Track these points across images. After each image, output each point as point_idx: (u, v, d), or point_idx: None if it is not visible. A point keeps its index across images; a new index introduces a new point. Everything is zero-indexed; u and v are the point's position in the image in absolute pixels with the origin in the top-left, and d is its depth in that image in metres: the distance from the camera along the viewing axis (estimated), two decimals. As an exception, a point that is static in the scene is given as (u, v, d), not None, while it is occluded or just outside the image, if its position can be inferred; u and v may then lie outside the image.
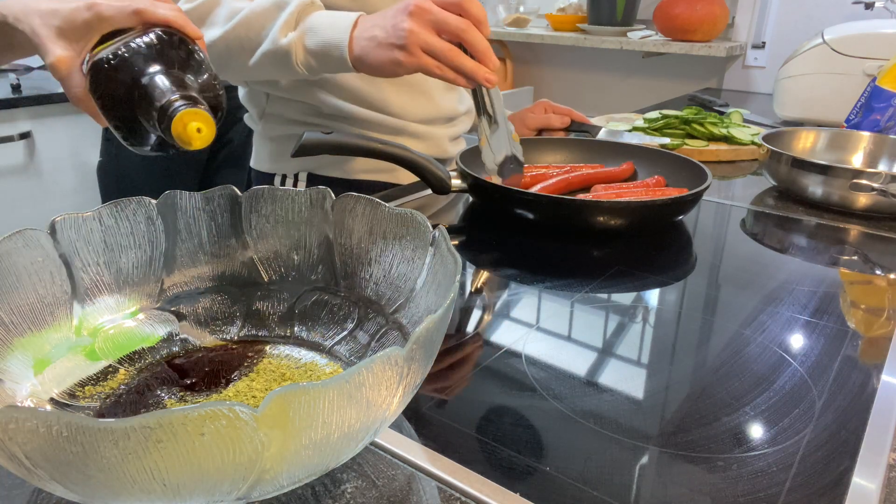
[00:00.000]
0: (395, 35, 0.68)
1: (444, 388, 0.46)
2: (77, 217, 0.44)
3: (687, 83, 2.15)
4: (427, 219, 0.45)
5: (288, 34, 0.74)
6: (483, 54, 0.69)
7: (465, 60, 0.69)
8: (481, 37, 0.69)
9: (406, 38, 0.68)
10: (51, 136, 1.80)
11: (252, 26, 0.74)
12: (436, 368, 0.48)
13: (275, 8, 0.75)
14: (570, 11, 2.27)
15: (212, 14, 0.75)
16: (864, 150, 1.00)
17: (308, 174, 0.94)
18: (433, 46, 0.68)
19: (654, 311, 0.59)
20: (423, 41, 0.68)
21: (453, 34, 0.69)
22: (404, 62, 0.69)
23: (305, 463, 0.30)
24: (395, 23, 0.69)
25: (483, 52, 0.69)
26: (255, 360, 0.46)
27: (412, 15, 0.68)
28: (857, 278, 0.67)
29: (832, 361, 0.50)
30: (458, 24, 0.68)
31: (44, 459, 0.26)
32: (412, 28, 0.68)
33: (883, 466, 0.39)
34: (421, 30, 0.68)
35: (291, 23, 0.74)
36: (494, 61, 0.70)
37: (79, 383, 0.42)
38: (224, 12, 0.75)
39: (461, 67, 0.69)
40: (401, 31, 0.68)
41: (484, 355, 0.50)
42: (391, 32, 0.69)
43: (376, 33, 0.70)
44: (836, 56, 1.36)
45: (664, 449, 0.40)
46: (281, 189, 0.49)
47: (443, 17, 0.68)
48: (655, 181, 0.85)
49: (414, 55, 0.68)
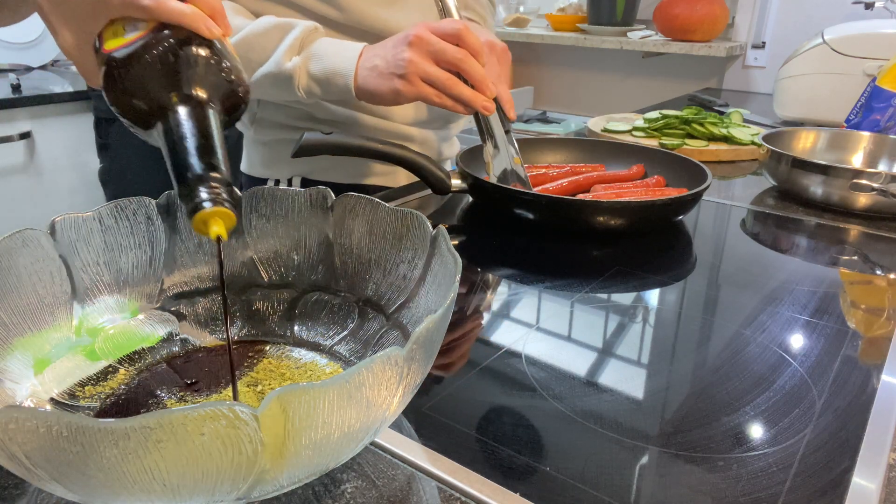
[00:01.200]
0: (395, 65, 0.71)
1: (444, 388, 0.46)
2: (77, 217, 0.44)
3: (687, 83, 2.15)
4: (427, 219, 0.45)
5: (292, 58, 0.74)
6: (480, 83, 0.72)
7: (463, 89, 0.71)
8: (478, 66, 0.71)
9: (406, 68, 0.70)
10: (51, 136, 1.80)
11: (253, 47, 0.75)
12: (436, 368, 0.48)
13: (277, 30, 0.75)
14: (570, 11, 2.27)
15: None
16: (864, 150, 1.00)
17: (302, 179, 0.94)
18: (432, 76, 0.70)
19: (654, 311, 0.59)
20: (422, 71, 0.70)
21: (451, 64, 0.71)
22: (404, 91, 0.71)
23: (305, 463, 0.30)
24: (396, 53, 0.71)
25: (480, 81, 0.71)
26: (255, 360, 0.46)
27: (412, 45, 0.70)
28: (857, 278, 0.67)
29: (832, 361, 0.50)
30: (456, 54, 0.70)
31: (44, 459, 0.26)
32: (412, 58, 0.70)
33: (883, 466, 0.39)
34: (420, 60, 0.70)
35: (296, 47, 0.75)
36: (491, 89, 0.73)
37: (79, 383, 0.42)
38: None
39: (459, 96, 0.71)
40: (401, 61, 0.70)
41: (484, 355, 0.50)
42: (391, 62, 0.71)
43: (377, 63, 0.72)
44: (836, 56, 1.36)
45: (664, 449, 0.40)
46: (281, 189, 0.49)
47: (441, 47, 0.70)
48: (655, 181, 0.85)
49: (413, 84, 0.71)
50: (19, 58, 2.12)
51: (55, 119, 1.78)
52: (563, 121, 2.20)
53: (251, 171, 0.99)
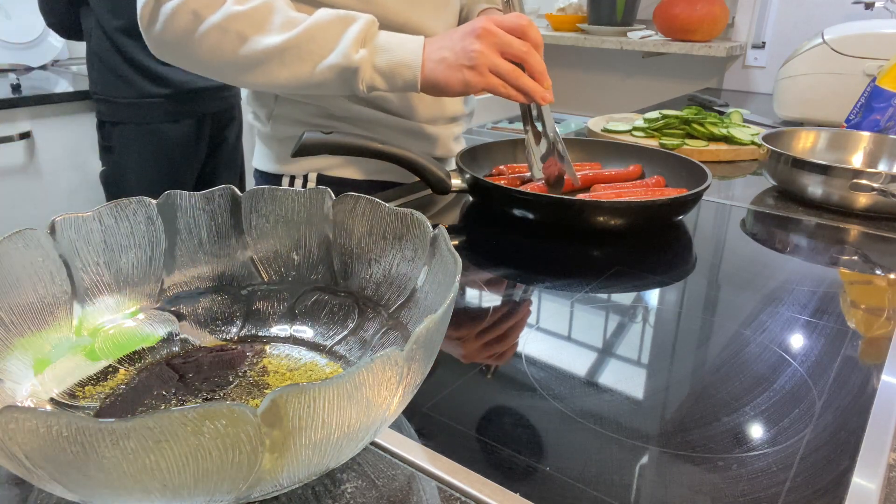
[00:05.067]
0: (465, 56, 0.73)
1: (443, 388, 0.46)
2: (77, 217, 0.44)
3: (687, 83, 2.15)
4: (427, 219, 0.45)
5: (359, 51, 0.75)
6: (542, 75, 0.75)
7: (527, 80, 0.75)
8: (540, 59, 0.75)
9: (476, 60, 0.73)
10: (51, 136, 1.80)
11: (316, 39, 0.74)
12: (436, 368, 0.48)
13: (340, 23, 0.75)
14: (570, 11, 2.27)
15: (267, 20, 0.74)
16: (864, 150, 1.00)
17: (318, 175, 0.94)
18: (499, 67, 0.74)
19: (654, 311, 0.59)
20: (490, 62, 0.73)
21: (516, 56, 0.74)
22: (473, 82, 0.74)
23: (305, 463, 0.30)
24: (465, 45, 0.74)
25: (541, 73, 0.75)
26: (255, 360, 0.46)
27: (480, 38, 0.73)
28: (857, 278, 0.67)
29: (832, 361, 0.50)
30: (521, 47, 0.74)
31: (44, 459, 0.26)
32: (482, 50, 0.73)
33: (883, 466, 0.39)
34: (489, 52, 0.73)
35: (360, 40, 0.75)
36: (548, 81, 0.77)
37: (79, 383, 0.42)
38: (280, 20, 0.75)
39: (524, 87, 0.75)
40: (471, 53, 0.73)
41: (484, 355, 0.50)
42: (461, 54, 0.74)
43: (446, 55, 0.75)
44: (836, 56, 1.36)
45: (664, 449, 0.40)
46: (281, 189, 0.49)
47: (508, 40, 0.74)
48: (655, 181, 0.85)
49: (483, 75, 0.74)
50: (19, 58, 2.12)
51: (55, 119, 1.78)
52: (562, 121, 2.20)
53: (264, 167, 0.98)
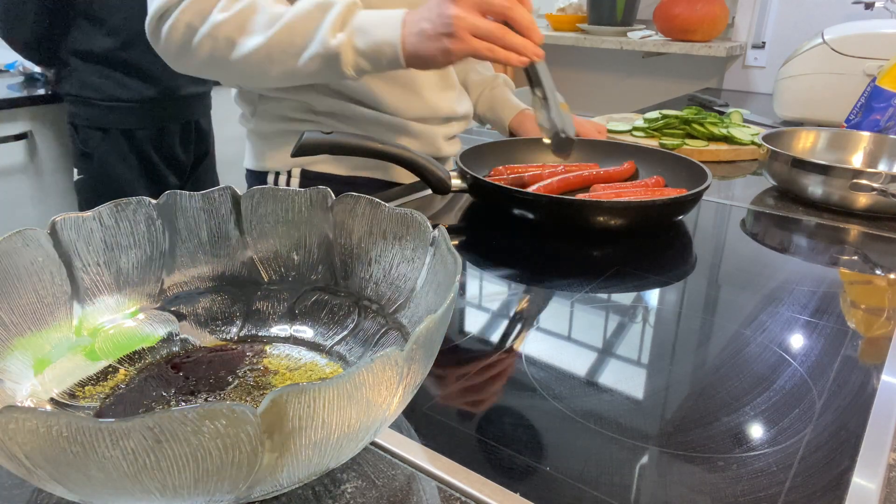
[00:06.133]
0: (441, 24, 0.69)
1: (444, 388, 0.46)
2: (77, 217, 0.44)
3: (687, 83, 2.15)
4: (427, 219, 0.45)
5: (336, 35, 0.73)
6: (529, 29, 0.70)
7: (514, 37, 0.70)
8: (526, 12, 0.70)
9: (454, 25, 0.68)
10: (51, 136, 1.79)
11: (296, 30, 0.74)
12: (436, 368, 0.48)
13: (318, 10, 0.74)
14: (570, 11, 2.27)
15: (250, 21, 0.75)
16: (864, 150, 1.00)
17: (301, 170, 0.94)
18: (481, 28, 0.69)
19: (654, 311, 0.59)
20: (470, 25, 0.69)
21: (499, 13, 0.69)
22: (454, 49, 0.70)
23: (305, 463, 0.30)
24: (440, 11, 0.69)
25: (528, 27, 0.70)
26: (255, 360, 0.46)
27: (456, 1, 0.69)
28: (857, 278, 0.67)
29: (832, 361, 0.50)
30: (503, 2, 0.69)
31: (44, 459, 0.26)
32: (457, 14, 0.68)
33: (883, 466, 0.39)
34: (466, 14, 0.69)
35: (339, 24, 0.73)
36: (539, 34, 0.71)
37: (79, 383, 0.42)
38: (263, 19, 0.75)
39: (511, 45, 0.70)
40: (447, 19, 0.69)
41: (484, 355, 0.50)
42: (437, 22, 0.70)
43: (424, 26, 0.71)
44: (836, 56, 1.36)
45: (664, 449, 0.40)
46: (281, 189, 0.49)
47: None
48: (655, 181, 0.85)
49: (463, 40, 0.69)
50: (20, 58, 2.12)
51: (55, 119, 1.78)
52: (563, 121, 2.20)
53: (251, 164, 0.99)
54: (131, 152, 1.59)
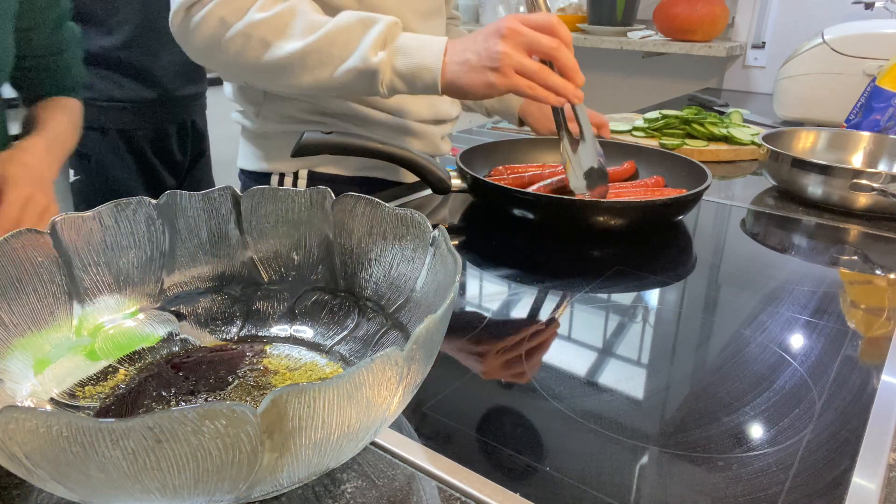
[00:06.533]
0: (488, 58, 0.71)
1: (444, 388, 0.46)
2: (77, 217, 0.44)
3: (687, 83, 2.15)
4: (427, 219, 0.45)
5: (378, 53, 0.73)
6: (573, 71, 0.72)
7: (556, 79, 0.72)
8: (571, 56, 0.72)
9: (500, 61, 0.70)
10: (51, 136, 1.79)
11: (336, 42, 0.74)
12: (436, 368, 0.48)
13: (360, 25, 0.74)
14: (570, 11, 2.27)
15: (289, 26, 0.74)
16: (864, 150, 1.00)
17: (308, 171, 0.94)
18: (526, 67, 0.71)
19: (654, 311, 0.59)
20: (516, 63, 0.70)
21: (545, 54, 0.71)
22: (497, 84, 0.71)
23: (305, 463, 0.30)
24: (488, 46, 0.71)
25: (572, 69, 0.72)
26: (255, 360, 0.46)
27: (505, 38, 0.70)
28: (857, 278, 0.67)
29: (832, 361, 0.50)
30: (550, 44, 0.71)
31: (44, 459, 0.26)
32: (506, 50, 0.70)
33: (883, 466, 0.39)
34: (514, 52, 0.70)
35: (380, 42, 0.74)
36: (581, 77, 0.73)
37: (79, 383, 0.42)
38: (301, 24, 0.74)
39: (553, 86, 0.71)
40: (494, 54, 0.70)
41: (483, 355, 0.50)
42: (484, 56, 0.71)
43: (468, 57, 0.72)
44: (836, 56, 1.36)
45: (664, 449, 0.40)
46: (281, 189, 0.49)
47: (534, 37, 0.70)
48: (654, 181, 0.85)
49: (507, 76, 0.71)
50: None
51: (55, 119, 1.77)
52: (563, 121, 2.20)
53: (252, 166, 0.98)
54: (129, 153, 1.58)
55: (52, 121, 0.86)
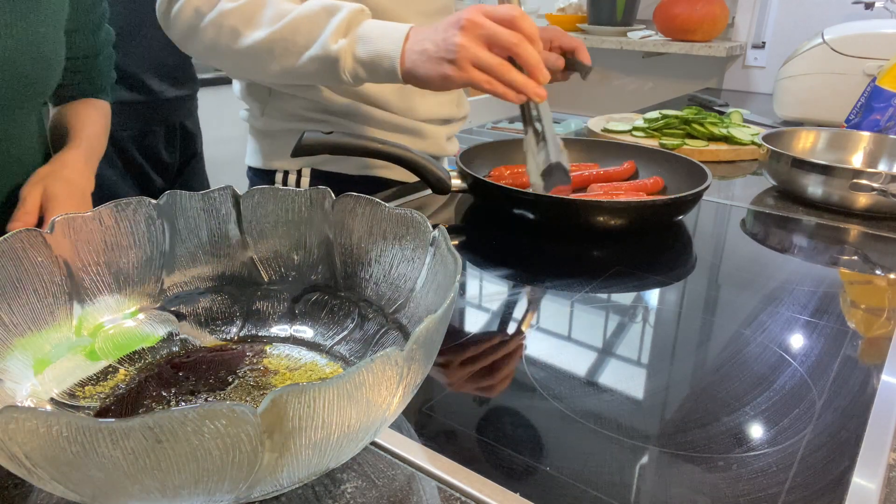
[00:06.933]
0: (445, 49, 0.69)
1: (444, 388, 0.46)
2: (77, 217, 0.44)
3: (687, 83, 2.15)
4: (427, 219, 0.45)
5: (339, 40, 0.73)
6: (534, 68, 0.69)
7: (516, 75, 0.69)
8: (533, 51, 0.69)
9: (457, 53, 0.68)
10: (50, 136, 1.79)
11: (300, 30, 0.74)
12: (436, 368, 0.48)
13: (325, 13, 0.74)
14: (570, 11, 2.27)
15: (257, 14, 0.75)
16: (864, 150, 1.00)
17: (312, 170, 0.94)
18: (483, 61, 0.68)
19: (654, 311, 0.59)
20: (473, 56, 0.68)
21: (505, 48, 0.69)
22: (454, 76, 0.69)
23: (305, 463, 0.30)
24: (446, 37, 0.69)
25: (534, 66, 0.69)
26: (255, 360, 0.46)
27: (464, 29, 0.68)
28: (857, 278, 0.67)
29: (832, 361, 0.50)
30: (510, 38, 0.68)
31: (44, 459, 0.26)
32: (463, 42, 0.68)
33: (883, 466, 0.39)
34: (472, 44, 0.68)
35: (343, 29, 0.73)
36: (545, 74, 0.70)
37: (79, 383, 0.42)
38: (270, 13, 0.75)
39: (511, 82, 0.69)
40: (451, 46, 0.68)
41: (484, 355, 0.50)
42: (441, 46, 0.69)
43: (427, 46, 0.70)
44: (836, 56, 1.36)
45: (664, 449, 0.40)
46: (281, 189, 0.49)
47: (494, 31, 0.68)
48: (653, 182, 0.85)
49: (464, 70, 0.69)
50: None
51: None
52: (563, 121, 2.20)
53: (256, 163, 0.98)
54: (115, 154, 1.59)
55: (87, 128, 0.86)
